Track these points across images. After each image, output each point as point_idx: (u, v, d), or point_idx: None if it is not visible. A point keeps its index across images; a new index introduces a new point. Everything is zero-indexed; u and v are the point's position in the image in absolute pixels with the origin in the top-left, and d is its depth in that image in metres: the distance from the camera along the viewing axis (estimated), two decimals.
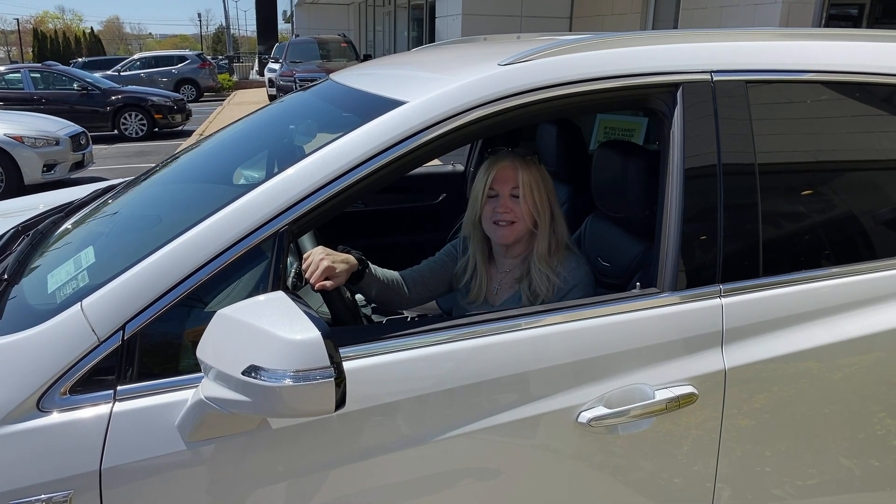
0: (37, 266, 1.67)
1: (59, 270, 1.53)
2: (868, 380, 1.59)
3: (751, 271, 1.52)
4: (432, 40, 14.87)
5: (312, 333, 1.11)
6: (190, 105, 14.87)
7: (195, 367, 1.22)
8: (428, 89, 1.46)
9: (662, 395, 1.43)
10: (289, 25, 40.02)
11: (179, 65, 22.41)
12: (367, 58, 16.56)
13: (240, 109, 16.11)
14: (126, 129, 13.10)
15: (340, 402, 1.13)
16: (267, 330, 1.12)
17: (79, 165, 8.72)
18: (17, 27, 73.28)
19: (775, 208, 1.57)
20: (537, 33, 2.36)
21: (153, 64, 22.30)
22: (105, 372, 1.23)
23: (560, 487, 1.45)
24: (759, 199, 1.53)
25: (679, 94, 1.51)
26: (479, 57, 1.82)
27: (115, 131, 13.00)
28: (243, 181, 1.72)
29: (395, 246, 2.55)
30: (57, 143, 8.26)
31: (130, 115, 13.11)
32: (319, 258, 1.56)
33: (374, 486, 1.34)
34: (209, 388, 1.16)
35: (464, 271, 1.91)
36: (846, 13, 8.89)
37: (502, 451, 1.40)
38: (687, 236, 1.49)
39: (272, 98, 17.15)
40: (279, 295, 1.21)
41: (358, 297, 1.92)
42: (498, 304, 1.84)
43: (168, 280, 1.26)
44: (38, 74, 13.07)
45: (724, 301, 1.49)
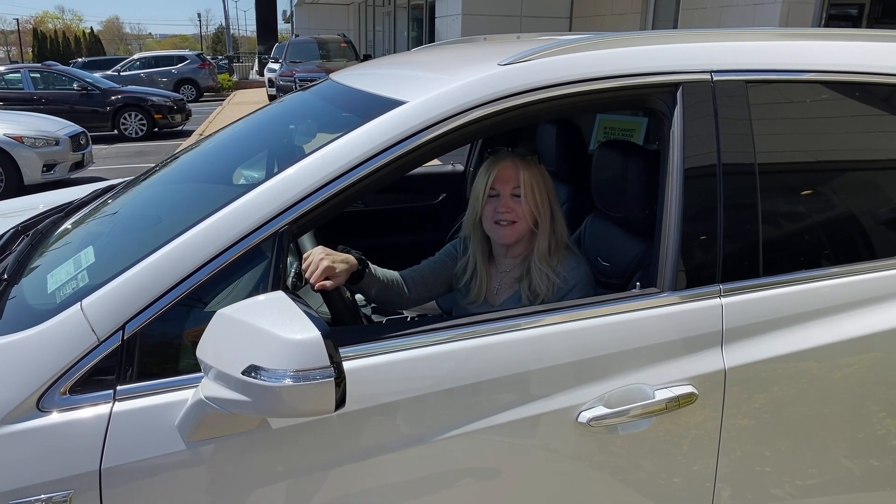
0: (36, 266, 1.67)
1: (59, 270, 1.53)
2: (868, 380, 1.59)
3: (751, 271, 1.52)
4: (432, 40, 14.86)
5: (312, 333, 1.11)
6: (190, 105, 14.87)
7: (195, 367, 1.22)
8: (428, 89, 1.46)
9: (662, 394, 1.43)
10: (288, 25, 40.02)
11: (179, 65, 22.42)
12: (367, 58, 16.55)
13: (239, 109, 16.10)
14: (126, 129, 13.10)
15: (340, 402, 1.13)
16: (267, 330, 1.12)
17: (78, 165, 8.72)
18: (16, 27, 73.35)
19: (775, 208, 1.57)
20: (537, 33, 2.35)
21: (153, 64, 22.30)
22: (105, 372, 1.23)
23: (560, 487, 1.45)
24: (758, 199, 1.53)
25: (679, 94, 1.51)
26: (478, 57, 1.82)
27: (115, 131, 13.00)
28: (243, 181, 1.72)
29: (395, 246, 2.55)
30: (57, 143, 8.26)
31: (130, 115, 13.11)
32: (319, 258, 1.56)
33: (373, 486, 1.34)
34: (209, 388, 1.16)
35: (464, 271, 1.91)
36: (846, 13, 8.89)
37: (502, 451, 1.40)
38: (687, 236, 1.49)
39: (272, 98, 17.15)
40: (279, 295, 1.21)
41: (358, 297, 1.92)
42: (498, 304, 1.84)
43: (168, 280, 1.26)
44: (38, 74, 13.06)
45: (723, 301, 1.49)
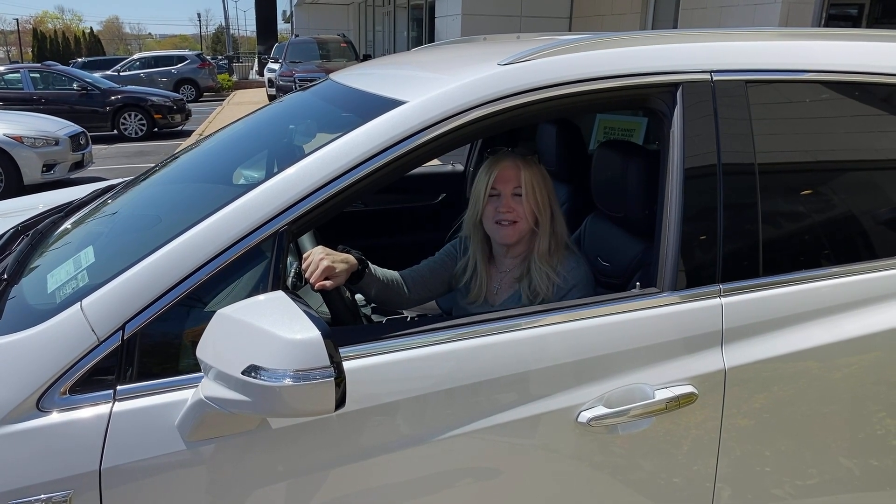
0: (36, 266, 1.67)
1: (59, 270, 1.53)
2: (867, 380, 1.59)
3: (750, 271, 1.52)
4: (432, 40, 14.86)
5: (312, 333, 1.11)
6: (189, 105, 14.87)
7: (195, 367, 1.22)
8: (428, 89, 1.45)
9: (662, 394, 1.43)
10: (288, 25, 40.00)
11: (179, 65, 22.42)
12: (367, 58, 16.55)
13: (239, 109, 16.10)
14: (125, 129, 13.10)
15: (340, 402, 1.13)
16: (267, 330, 1.12)
17: (78, 165, 8.72)
18: (16, 27, 73.32)
19: (775, 208, 1.57)
20: (537, 33, 2.36)
21: (153, 64, 22.30)
22: (105, 372, 1.23)
23: (560, 487, 1.45)
24: (758, 199, 1.53)
25: (679, 94, 1.51)
26: (478, 57, 1.82)
27: (115, 131, 13.00)
28: (243, 181, 1.72)
29: (395, 246, 2.55)
30: (56, 143, 8.26)
31: (130, 115, 13.11)
32: (319, 258, 1.56)
33: (374, 486, 1.34)
34: (209, 388, 1.16)
35: (464, 271, 1.91)
36: (846, 13, 8.89)
37: (502, 451, 1.40)
38: (687, 236, 1.49)
39: (272, 98, 17.15)
40: (279, 295, 1.21)
41: (358, 297, 1.92)
42: (498, 304, 1.84)
43: (168, 280, 1.26)
44: (38, 74, 13.06)
45: (723, 301, 1.49)
